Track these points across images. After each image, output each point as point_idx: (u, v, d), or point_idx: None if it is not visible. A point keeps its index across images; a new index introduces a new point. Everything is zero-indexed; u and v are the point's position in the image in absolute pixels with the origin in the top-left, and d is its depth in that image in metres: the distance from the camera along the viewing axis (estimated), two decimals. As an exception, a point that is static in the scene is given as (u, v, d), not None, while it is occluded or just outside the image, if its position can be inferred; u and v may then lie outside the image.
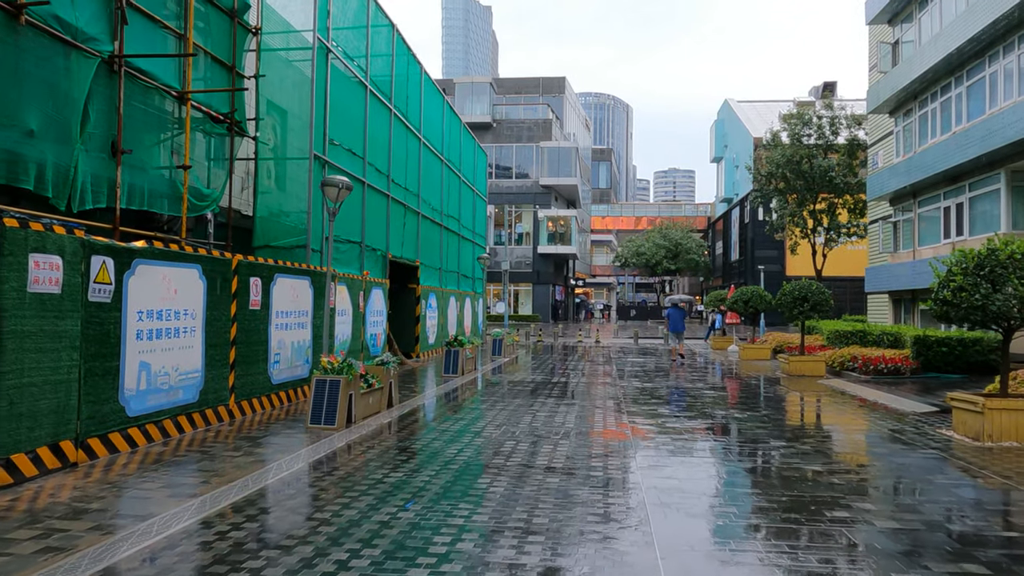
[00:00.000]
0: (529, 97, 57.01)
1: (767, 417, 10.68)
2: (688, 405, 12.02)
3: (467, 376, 16.39)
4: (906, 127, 22.78)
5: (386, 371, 10.99)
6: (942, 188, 20.29)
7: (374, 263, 17.74)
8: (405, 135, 20.13)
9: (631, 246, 64.76)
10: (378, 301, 17.65)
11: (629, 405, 11.90)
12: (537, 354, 24.55)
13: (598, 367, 19.19)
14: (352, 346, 15.85)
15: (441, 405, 11.86)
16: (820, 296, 17.64)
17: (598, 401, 12.37)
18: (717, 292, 30.26)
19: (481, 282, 31.99)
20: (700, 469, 7.35)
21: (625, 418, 10.49)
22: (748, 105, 62.75)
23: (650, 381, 15.78)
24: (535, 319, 50.18)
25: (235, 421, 9.66)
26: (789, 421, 10.50)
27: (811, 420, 10.77)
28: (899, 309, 23.25)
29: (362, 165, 16.67)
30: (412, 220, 20.96)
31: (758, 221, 51.34)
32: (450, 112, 25.69)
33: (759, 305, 23.65)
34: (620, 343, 31.90)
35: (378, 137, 17.97)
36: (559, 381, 15.51)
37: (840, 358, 17.69)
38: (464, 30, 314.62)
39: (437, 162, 23.84)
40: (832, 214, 32.16)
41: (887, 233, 23.93)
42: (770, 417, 10.70)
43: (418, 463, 7.36)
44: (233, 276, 9.75)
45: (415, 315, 21.19)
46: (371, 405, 10.43)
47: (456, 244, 26.85)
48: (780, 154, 31.64)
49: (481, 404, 11.88)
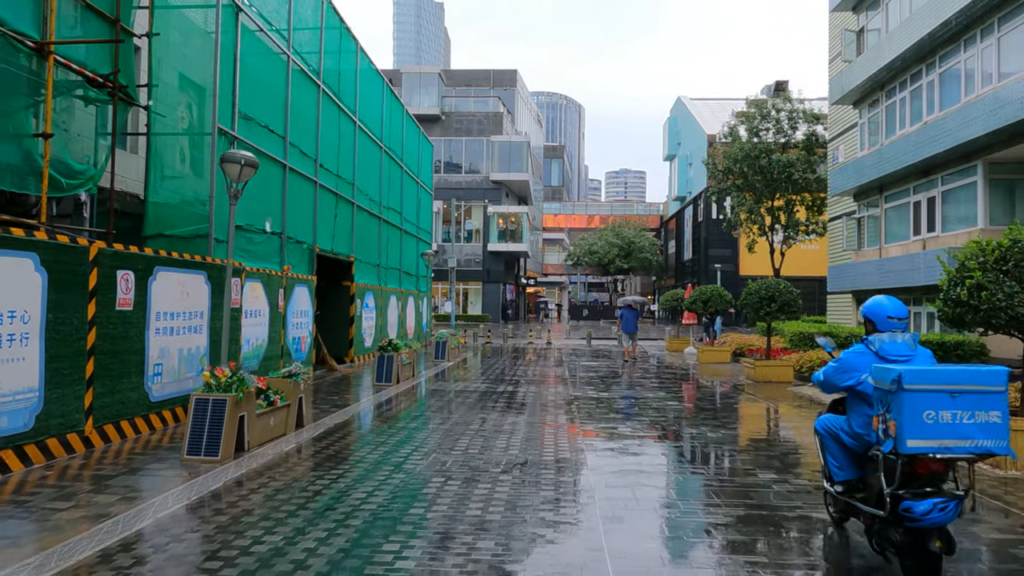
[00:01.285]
0: (479, 90, 55.21)
1: (749, 442, 9.13)
2: (652, 421, 10.41)
3: (402, 385, 14.55)
4: (872, 118, 21.71)
5: (294, 384, 9.11)
6: (912, 182, 19.19)
7: (299, 257, 15.75)
8: (337, 116, 18.16)
9: (584, 244, 63.52)
10: (303, 300, 15.67)
11: (584, 423, 10.24)
12: (485, 357, 22.80)
13: (549, 372, 17.54)
14: (270, 351, 13.86)
15: (363, 425, 10.01)
16: (788, 296, 16.31)
17: (549, 417, 10.68)
18: (673, 291, 28.94)
19: (427, 280, 30.08)
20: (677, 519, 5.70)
21: (580, 442, 8.81)
22: (701, 103, 62.09)
23: (606, 389, 14.17)
24: (484, 319, 48.41)
25: (92, 452, 7.66)
26: (773, 446, 8.96)
27: (797, 442, 9.25)
28: (864, 310, 22.20)
29: (283, 146, 14.67)
30: (346, 211, 19.00)
31: (712, 219, 50.53)
32: (392, 97, 23.76)
33: (719, 305, 22.34)
34: (572, 344, 30.37)
35: (304, 116, 15.98)
36: (506, 390, 13.79)
37: (809, 363, 16.37)
38: (416, 26, 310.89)
39: (376, 149, 21.89)
40: (790, 211, 31.17)
41: (851, 230, 22.86)
42: (751, 441, 9.15)
43: (310, 515, 5.53)
44: (91, 268, 7.75)
45: (349, 316, 19.23)
46: (272, 427, 8.53)
47: (398, 239, 24.92)
48: (738, 149, 30.51)
49: (412, 422, 10.08)
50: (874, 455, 4.49)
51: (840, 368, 4.93)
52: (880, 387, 4.26)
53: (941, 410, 4.02)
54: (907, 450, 4.02)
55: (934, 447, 4.01)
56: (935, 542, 4.13)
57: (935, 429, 4.00)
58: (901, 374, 4.04)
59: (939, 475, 4.19)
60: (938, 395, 4.03)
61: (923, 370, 4.11)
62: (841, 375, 4.92)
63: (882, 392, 4.24)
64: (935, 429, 4.00)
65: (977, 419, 4.01)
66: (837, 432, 5.08)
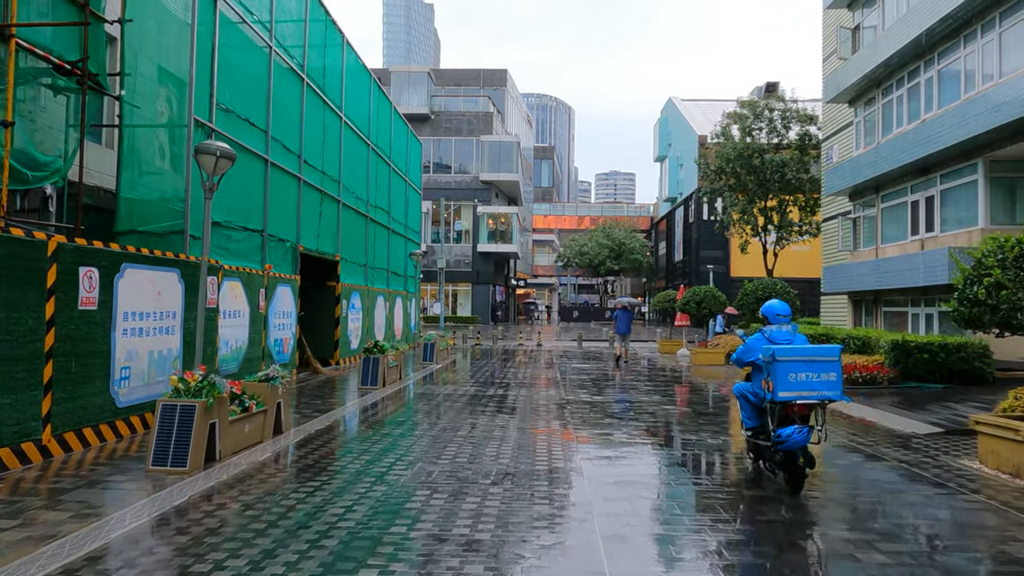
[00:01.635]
0: (469, 90, 54.72)
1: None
2: (648, 427, 9.96)
3: (388, 388, 14.03)
4: (868, 117, 21.37)
5: (272, 389, 8.59)
6: (909, 181, 18.85)
7: (281, 256, 15.22)
8: (322, 111, 17.63)
9: (574, 245, 63.09)
10: (285, 300, 15.13)
11: (578, 428, 9.77)
12: (474, 359, 22.31)
13: (540, 374, 17.06)
14: (250, 354, 13.32)
15: (345, 431, 9.50)
16: (785, 297, 15.90)
17: (541, 422, 10.20)
18: (665, 292, 28.54)
19: (415, 281, 29.56)
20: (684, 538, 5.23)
21: (575, 449, 8.34)
22: (692, 104, 61.79)
23: (599, 393, 13.71)
24: (474, 321, 47.90)
25: (50, 463, 7.12)
26: (776, 449, 8.49)
27: (800, 447, 8.80)
28: (859, 311, 21.83)
29: (265, 140, 14.14)
30: (331, 209, 18.47)
31: (703, 220, 50.22)
32: (380, 94, 23.24)
33: (712, 306, 21.93)
34: (563, 346, 29.92)
35: (287, 110, 15.46)
36: (496, 394, 13.30)
37: (807, 365, 15.99)
38: (406, 27, 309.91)
39: (363, 146, 21.37)
40: (783, 212, 30.80)
41: (846, 230, 22.50)
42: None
43: (280, 535, 5.02)
44: (49, 264, 7.20)
45: (334, 317, 18.69)
46: (248, 435, 8.01)
47: (386, 239, 24.40)
48: (731, 148, 30.12)
49: (397, 428, 9.57)
50: (765, 406, 6.50)
51: (745, 349, 6.82)
52: (766, 360, 6.18)
53: (799, 373, 6.04)
54: (779, 399, 6.08)
55: (795, 396, 6.09)
56: (800, 459, 6.17)
57: (796, 385, 6.05)
58: (774, 351, 6.10)
59: (803, 416, 6.29)
60: (797, 363, 6.06)
61: (788, 347, 6.20)
62: (746, 354, 6.81)
63: (766, 363, 6.19)
64: (796, 385, 6.05)
65: (821, 378, 6.05)
66: (746, 393, 7.01)
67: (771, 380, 6.09)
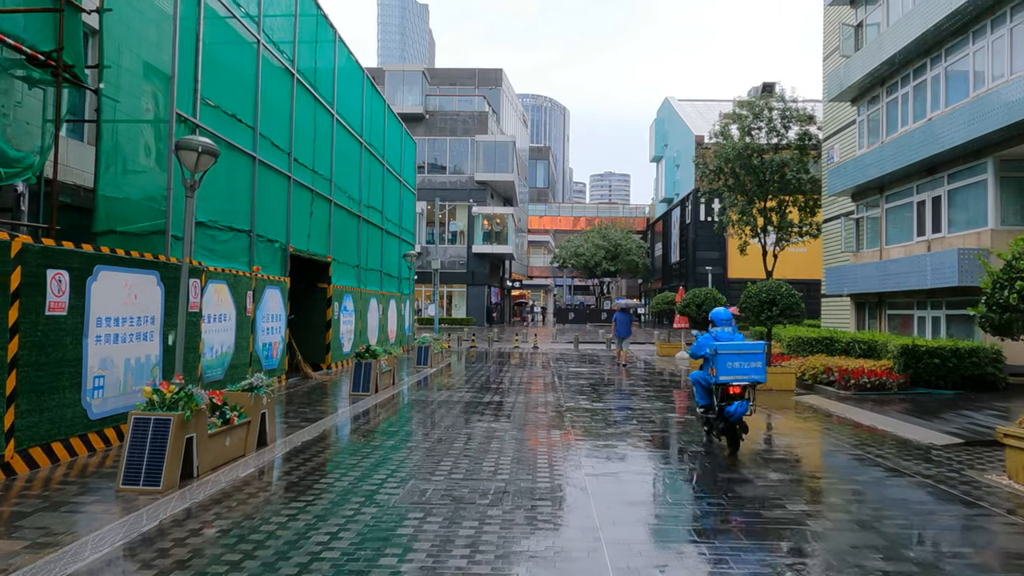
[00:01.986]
0: (464, 89, 54.24)
1: (760, 459, 8.20)
2: (654, 437, 9.49)
3: (381, 395, 13.53)
4: (871, 116, 20.95)
5: (255, 398, 8.08)
6: (915, 180, 18.43)
7: (270, 257, 14.70)
8: (313, 108, 17.12)
9: (570, 246, 62.58)
10: (274, 303, 14.61)
11: (580, 439, 9.29)
12: (470, 362, 21.82)
13: (538, 379, 16.59)
14: (237, 359, 12.80)
15: (334, 442, 8.99)
16: (791, 299, 15.46)
17: (540, 432, 9.72)
18: (664, 294, 28.06)
19: (409, 283, 29.04)
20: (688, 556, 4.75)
21: (578, 463, 7.85)
22: (689, 104, 61.43)
23: (600, 399, 13.23)
24: (469, 322, 47.41)
25: (13, 482, 6.59)
26: (791, 466, 8.03)
27: (814, 463, 8.35)
28: (862, 314, 21.41)
29: (252, 137, 13.63)
30: (323, 209, 17.95)
31: (700, 221, 49.83)
32: (373, 91, 22.73)
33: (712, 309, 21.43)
34: (560, 348, 29.44)
35: (276, 106, 14.95)
36: (492, 400, 12.81)
37: (812, 370, 15.54)
38: (400, 27, 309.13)
39: (355, 145, 20.86)
40: (783, 213, 30.36)
41: (849, 231, 22.08)
42: (763, 457, 8.23)
43: (256, 568, 4.52)
44: (13, 267, 6.69)
45: (326, 320, 18.18)
46: (229, 449, 7.50)
47: (379, 239, 23.88)
48: (730, 148, 29.66)
49: (389, 439, 9.08)
50: (712, 388, 8.62)
51: (697, 345, 8.74)
52: (711, 353, 8.29)
53: (734, 362, 8.07)
54: (720, 381, 8.16)
55: (731, 379, 8.10)
56: (738, 426, 8.14)
57: (732, 371, 8.07)
58: (716, 347, 8.18)
59: (739, 395, 8.18)
60: (734, 355, 8.09)
61: (726, 343, 8.19)
62: (698, 349, 8.71)
63: (712, 355, 8.31)
64: (732, 371, 8.07)
65: (751, 365, 8.06)
66: (699, 379, 8.93)
67: (715, 368, 8.25)
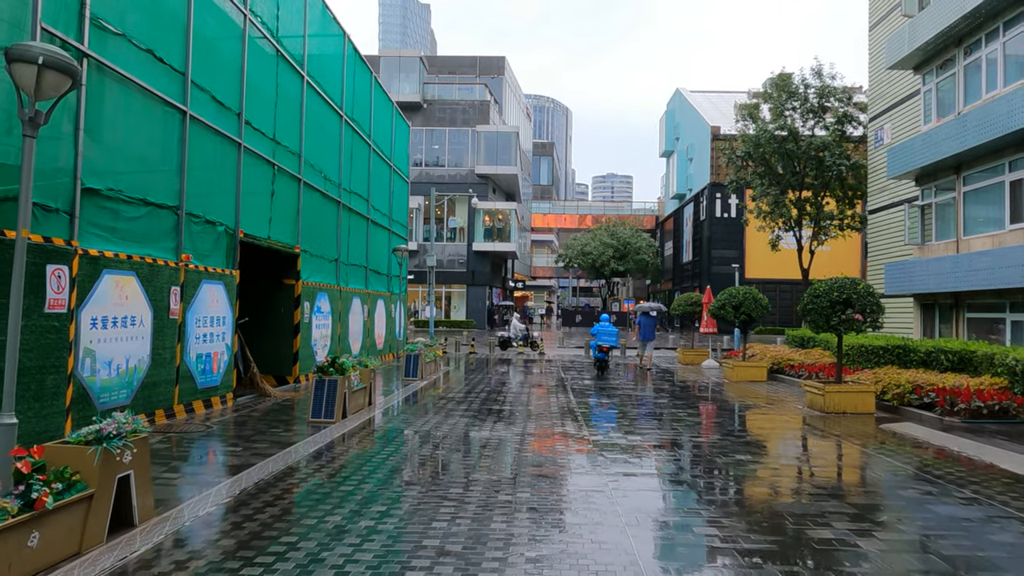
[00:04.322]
0: (465, 77, 51.08)
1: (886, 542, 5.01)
2: (745, 515, 6.32)
3: (349, 422, 10.36)
4: (942, 84, 17.76)
5: (105, 458, 4.91)
6: (1009, 156, 15.23)
7: (210, 244, 11.54)
8: (275, 64, 13.97)
9: (576, 245, 59.30)
10: (214, 302, 11.45)
11: (631, 520, 6.11)
12: (468, 372, 18.65)
13: (550, 398, 13.42)
14: (154, 376, 9.63)
15: (246, 522, 5.80)
16: (869, 300, 12.27)
17: (567, 491, 6.53)
18: (688, 295, 24.83)
19: (401, 281, 25.86)
20: None
21: (635, 556, 4.68)
22: (701, 95, 58.22)
23: (634, 429, 10.04)
24: (469, 325, 44.21)
25: None
26: (902, 520, 4.83)
27: (936, 524, 5.14)
28: (930, 317, 18.20)
29: (182, 85, 10.47)
30: (288, 189, 14.81)
31: (716, 217, 46.60)
32: (357, 59, 19.57)
33: (753, 311, 18.29)
34: (569, 354, 26.26)
35: (220, 52, 11.80)
36: (494, 438, 9.63)
37: (895, 388, 12.35)
38: (402, 27, 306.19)
39: (334, 118, 17.71)
40: (819, 204, 27.11)
41: (913, 220, 18.87)
42: (908, 544, 5.04)
43: None
44: None
45: (293, 323, 15.02)
46: (37, 552, 4.33)
47: (364, 230, 20.73)
48: (761, 130, 26.42)
49: (342, 507, 5.90)
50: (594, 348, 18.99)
51: (594, 331, 19.21)
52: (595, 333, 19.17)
53: (602, 334, 18.80)
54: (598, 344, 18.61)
55: (603, 342, 18.54)
56: (604, 363, 18.64)
57: (601, 338, 18.72)
58: (595, 331, 19.23)
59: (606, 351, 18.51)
60: (603, 334, 18.78)
61: (599, 328, 19.04)
62: (592, 330, 19.42)
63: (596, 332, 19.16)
64: (601, 338, 18.72)
65: (611, 338, 18.72)
66: (592, 345, 19.59)
67: (596, 338, 18.65)
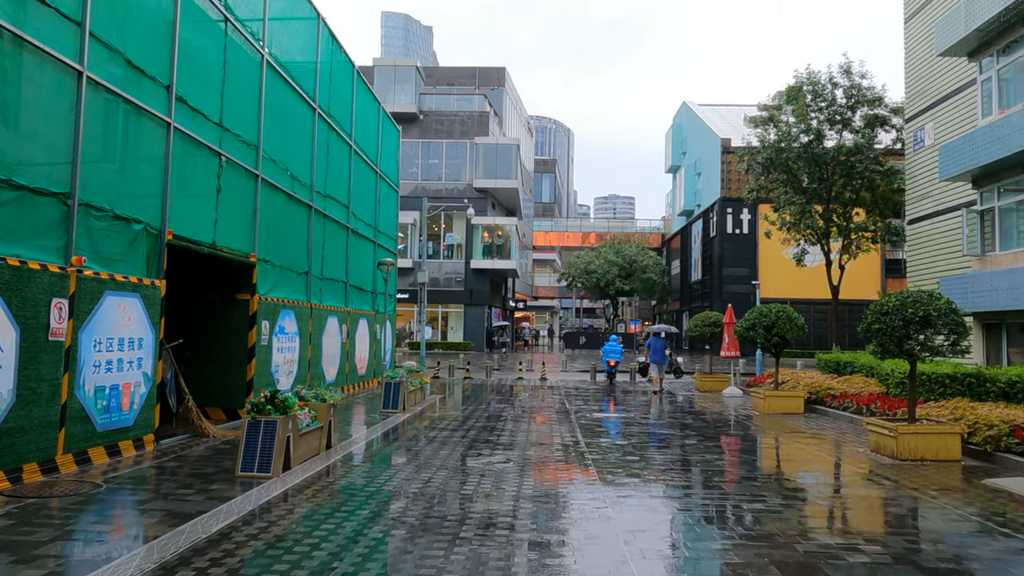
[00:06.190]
0: (463, 88, 49.05)
1: None
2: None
3: (290, 478, 7.88)
4: (1003, 71, 15.45)
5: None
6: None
7: (123, 246, 9.13)
8: (223, 36, 11.66)
9: (579, 263, 56.94)
10: (126, 320, 9.02)
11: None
12: (460, 402, 16.18)
13: (554, 435, 10.94)
14: (23, 417, 7.18)
15: None
16: (952, 317, 9.84)
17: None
18: (705, 314, 22.38)
19: (388, 299, 23.42)
20: None
21: None
22: (709, 108, 56.15)
23: (663, 479, 7.55)
24: (467, 347, 41.74)
25: None
26: None
27: None
28: (995, 339, 15.73)
29: (77, 38, 8.14)
30: (242, 186, 12.43)
31: (727, 233, 44.24)
32: (334, 46, 17.30)
33: (788, 333, 15.82)
34: (573, 380, 23.76)
35: (142, 11, 9.49)
36: (485, 488, 7.14)
37: (989, 429, 9.87)
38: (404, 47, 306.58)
39: (306, 111, 15.40)
40: (848, 214, 24.70)
41: (972, 228, 16.46)
42: None
43: None
44: None
45: (247, 346, 12.59)
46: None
47: (343, 241, 18.36)
48: (785, 134, 24.08)
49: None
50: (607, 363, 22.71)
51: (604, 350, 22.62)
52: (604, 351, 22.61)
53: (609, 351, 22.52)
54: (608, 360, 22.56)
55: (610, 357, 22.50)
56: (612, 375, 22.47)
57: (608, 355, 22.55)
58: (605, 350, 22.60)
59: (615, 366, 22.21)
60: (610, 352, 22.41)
61: (608, 347, 22.41)
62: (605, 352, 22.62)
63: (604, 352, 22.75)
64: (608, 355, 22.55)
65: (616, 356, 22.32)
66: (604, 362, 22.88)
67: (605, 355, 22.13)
